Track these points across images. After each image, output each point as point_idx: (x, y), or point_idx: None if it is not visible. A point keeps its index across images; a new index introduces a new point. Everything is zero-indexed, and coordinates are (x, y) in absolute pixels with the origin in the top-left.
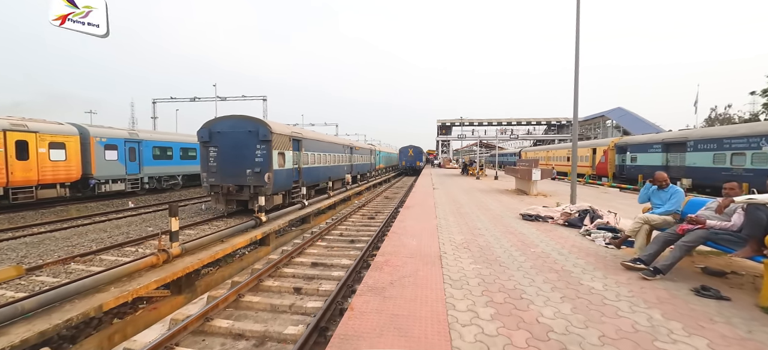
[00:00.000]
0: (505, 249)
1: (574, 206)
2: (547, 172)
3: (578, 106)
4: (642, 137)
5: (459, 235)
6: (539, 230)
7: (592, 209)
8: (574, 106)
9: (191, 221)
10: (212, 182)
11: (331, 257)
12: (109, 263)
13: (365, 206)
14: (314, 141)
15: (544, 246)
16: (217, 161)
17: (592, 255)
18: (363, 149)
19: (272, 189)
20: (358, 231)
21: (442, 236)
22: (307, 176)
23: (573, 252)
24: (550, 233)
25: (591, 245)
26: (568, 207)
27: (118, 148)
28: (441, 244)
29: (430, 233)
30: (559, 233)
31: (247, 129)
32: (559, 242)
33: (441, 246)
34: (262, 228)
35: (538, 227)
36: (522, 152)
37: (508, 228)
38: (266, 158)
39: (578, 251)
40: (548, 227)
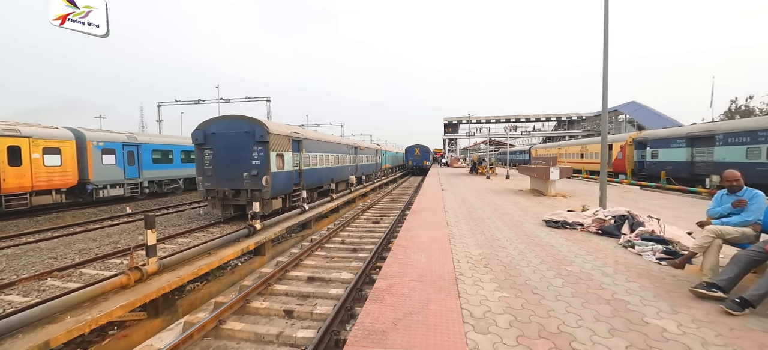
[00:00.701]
0: (535, 268)
1: (609, 211)
2: (566, 171)
3: (607, 93)
4: (663, 131)
5: (476, 248)
6: (569, 240)
7: (630, 214)
8: (603, 93)
9: (186, 227)
10: (208, 186)
11: (330, 270)
12: (89, 278)
13: (370, 208)
14: (315, 141)
15: (582, 263)
16: (212, 164)
17: (645, 276)
18: (368, 149)
19: (270, 193)
20: (361, 238)
21: (455, 250)
22: (308, 179)
23: (620, 272)
24: (584, 245)
25: (638, 260)
26: (600, 212)
27: (116, 152)
28: (455, 261)
29: (442, 246)
30: (595, 245)
31: (243, 130)
32: (599, 257)
33: (456, 265)
34: (255, 237)
35: (567, 235)
36: (532, 149)
37: (531, 238)
38: (263, 160)
39: (626, 269)
40: (578, 236)
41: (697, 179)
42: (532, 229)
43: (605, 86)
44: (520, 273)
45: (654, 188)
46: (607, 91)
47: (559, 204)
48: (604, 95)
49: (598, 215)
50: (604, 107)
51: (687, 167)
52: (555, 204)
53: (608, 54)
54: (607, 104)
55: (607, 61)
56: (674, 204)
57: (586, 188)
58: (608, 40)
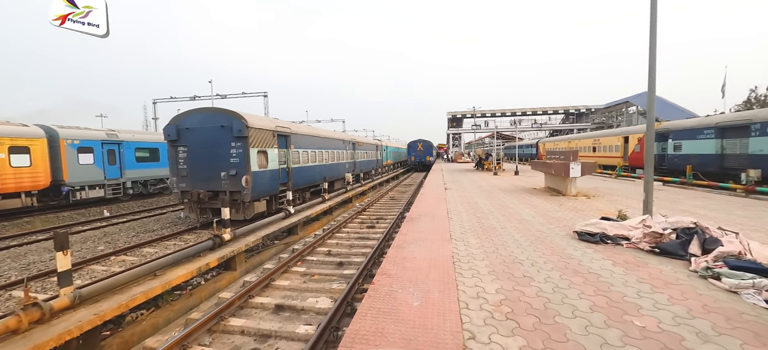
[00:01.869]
0: (586, 321)
1: (665, 220)
2: (589, 166)
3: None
4: (688, 122)
5: (491, 279)
6: (617, 263)
7: (699, 226)
8: (650, 68)
9: (159, 233)
10: (183, 188)
11: (306, 294)
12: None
13: (367, 209)
14: (306, 137)
15: (655, 310)
16: (187, 163)
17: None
18: (368, 145)
19: (251, 195)
20: (351, 247)
21: (463, 283)
22: (298, 178)
23: (722, 328)
24: (642, 273)
25: (737, 304)
26: (653, 222)
27: (95, 150)
28: (463, 307)
29: (443, 276)
30: (657, 273)
31: (219, 124)
32: (675, 297)
33: (463, 314)
34: (220, 251)
35: (611, 255)
36: (540, 143)
37: (565, 260)
38: (243, 157)
39: (728, 322)
40: (627, 257)
41: (727, 174)
42: (561, 245)
43: (652, 58)
44: (564, 334)
45: (679, 185)
46: (654, 68)
47: (584, 206)
48: (652, 69)
49: (650, 227)
50: (652, 85)
51: (716, 161)
52: (579, 206)
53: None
54: (654, 86)
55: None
56: (721, 205)
57: (608, 185)
58: (656, 11)
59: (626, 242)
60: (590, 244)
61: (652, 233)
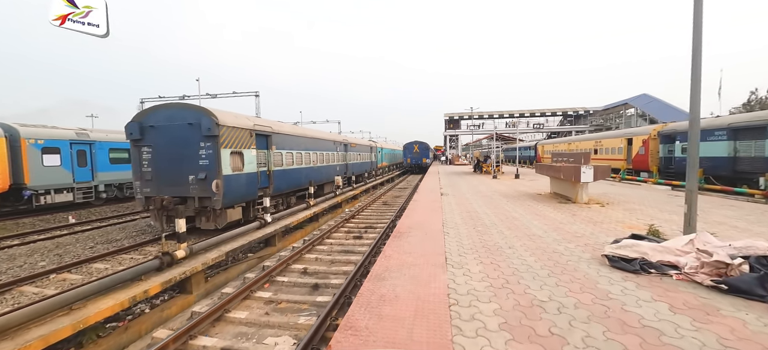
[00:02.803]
0: None
1: (737, 245)
2: (602, 171)
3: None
4: None
5: (503, 340)
6: (676, 307)
7: None
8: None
9: (118, 245)
10: (147, 194)
11: (266, 332)
12: None
13: (356, 216)
14: (291, 137)
15: None
16: (152, 166)
17: None
18: (361, 146)
19: (222, 201)
20: (331, 263)
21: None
22: (280, 181)
23: None
24: (717, 325)
25: None
26: (714, 247)
27: (62, 151)
28: None
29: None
30: (740, 328)
31: (186, 121)
32: None
33: None
34: (169, 273)
35: (663, 292)
36: (538, 145)
37: (604, 303)
38: (213, 159)
39: None
40: (685, 296)
41: (741, 178)
42: (591, 275)
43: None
44: None
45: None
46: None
47: (600, 217)
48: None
49: (709, 253)
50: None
51: (728, 164)
52: (595, 217)
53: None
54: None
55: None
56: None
57: (618, 191)
58: None
59: (676, 273)
60: (627, 273)
61: (713, 262)
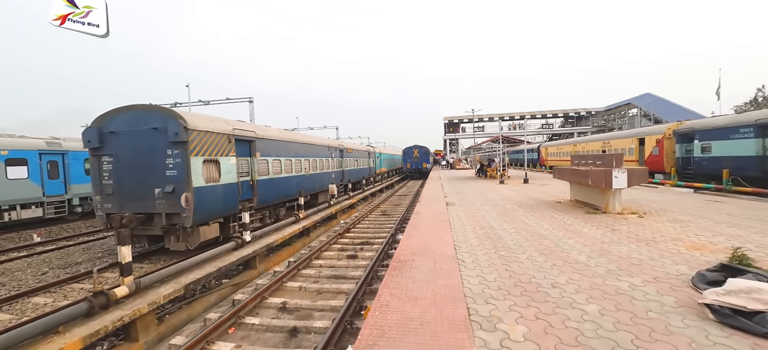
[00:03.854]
0: None
1: None
2: (638, 175)
3: None
4: (719, 120)
5: None
6: None
7: None
8: None
9: (70, 272)
10: (108, 210)
11: None
12: None
13: (352, 229)
14: (278, 142)
15: None
16: (113, 178)
17: None
18: (359, 152)
19: (193, 217)
20: (317, 294)
21: None
22: (266, 192)
23: None
24: None
25: None
26: None
27: (30, 162)
28: None
29: None
30: None
31: (150, 126)
32: None
33: None
34: (98, 320)
35: None
36: (541, 147)
37: None
38: (182, 168)
39: None
40: None
41: None
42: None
43: None
44: None
45: (714, 192)
46: None
47: (650, 233)
48: None
49: None
50: None
51: (756, 164)
52: (642, 233)
53: None
54: None
55: None
56: None
57: (640, 195)
58: None
59: None
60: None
61: None
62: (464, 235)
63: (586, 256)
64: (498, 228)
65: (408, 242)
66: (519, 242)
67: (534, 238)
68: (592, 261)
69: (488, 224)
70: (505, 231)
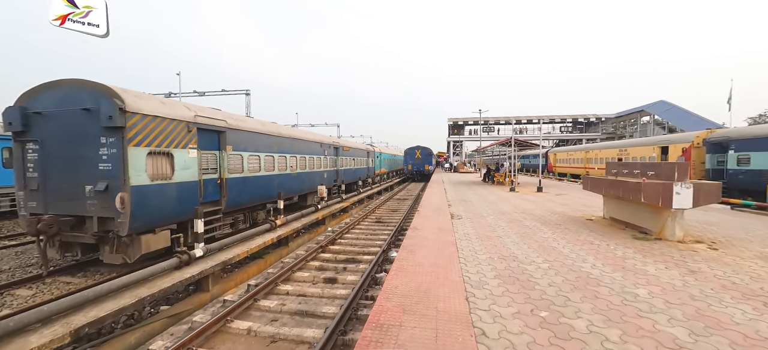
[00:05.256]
0: None
1: None
2: (707, 191)
3: None
4: (758, 129)
5: None
6: None
7: None
8: None
9: None
10: (33, 209)
11: None
12: None
13: (339, 239)
14: (255, 135)
15: None
16: (38, 170)
17: None
18: (356, 150)
19: (130, 224)
20: (271, 343)
21: None
22: (238, 193)
23: None
24: None
25: None
26: None
27: None
28: None
29: None
30: None
31: (81, 105)
32: None
33: None
34: None
35: None
36: (550, 153)
37: None
38: (117, 161)
39: None
40: None
41: None
42: None
43: None
44: None
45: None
46: None
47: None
48: None
49: None
50: None
51: None
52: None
53: None
54: None
55: None
56: None
57: (702, 217)
58: None
59: None
60: None
61: None
62: (479, 272)
63: (667, 319)
64: (524, 260)
65: (396, 281)
66: (562, 290)
67: (582, 282)
68: (688, 337)
69: (509, 253)
70: (535, 266)
